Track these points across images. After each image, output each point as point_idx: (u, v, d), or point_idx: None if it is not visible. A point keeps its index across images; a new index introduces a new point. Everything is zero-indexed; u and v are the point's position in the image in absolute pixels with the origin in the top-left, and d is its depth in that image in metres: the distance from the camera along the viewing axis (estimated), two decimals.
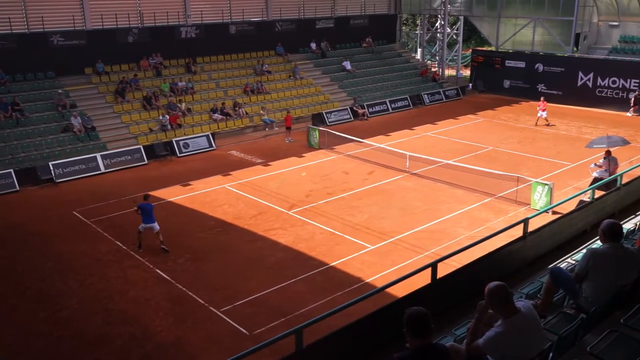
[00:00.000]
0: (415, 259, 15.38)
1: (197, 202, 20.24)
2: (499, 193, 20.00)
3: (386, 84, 37.46)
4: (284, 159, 25.11)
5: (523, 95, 37.45)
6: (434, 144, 27.07)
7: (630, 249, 6.35)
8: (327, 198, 20.36)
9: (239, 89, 32.34)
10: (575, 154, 24.63)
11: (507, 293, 5.05)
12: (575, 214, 11.46)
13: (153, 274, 15.12)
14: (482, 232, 16.74)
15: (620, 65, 33.72)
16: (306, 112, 32.40)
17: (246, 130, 29.89)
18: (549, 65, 36.59)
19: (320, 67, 37.07)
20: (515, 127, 30.59)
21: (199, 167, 24.36)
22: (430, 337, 4.61)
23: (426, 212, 18.86)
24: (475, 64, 41.26)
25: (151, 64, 31.04)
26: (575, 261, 8.95)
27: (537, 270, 9.45)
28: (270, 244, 16.83)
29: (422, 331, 4.56)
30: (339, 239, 17.02)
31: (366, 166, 23.82)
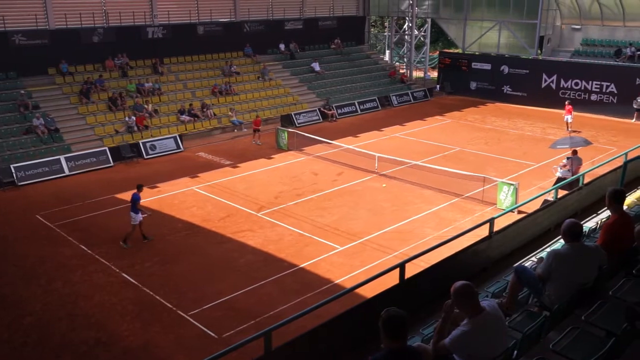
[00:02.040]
0: (384, 260, 15.49)
1: (164, 204, 20.02)
2: (466, 193, 20.29)
3: (355, 85, 37.65)
4: (252, 161, 25.01)
5: (489, 96, 38.09)
6: (402, 145, 27.32)
7: (590, 246, 6.51)
8: (296, 199, 20.35)
9: (207, 90, 32.10)
10: (540, 154, 25.16)
11: (472, 292, 5.13)
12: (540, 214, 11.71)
13: (119, 278, 14.89)
14: (449, 232, 16.94)
15: (582, 68, 34.57)
16: (275, 113, 32.34)
17: (214, 131, 29.69)
18: (514, 68, 37.29)
19: (289, 69, 37.05)
20: (482, 128, 31.08)
21: (166, 169, 24.09)
22: (405, 340, 4.62)
23: (395, 213, 19.02)
24: (442, 65, 41.78)
25: (117, 65, 30.57)
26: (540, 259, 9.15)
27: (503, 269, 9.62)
28: (239, 246, 16.74)
29: (397, 334, 4.58)
30: (308, 240, 17.04)
31: (335, 167, 23.90)
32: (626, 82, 32.44)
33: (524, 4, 37.14)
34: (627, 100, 32.18)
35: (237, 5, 35.72)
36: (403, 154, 24.31)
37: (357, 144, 26.43)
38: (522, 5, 37.28)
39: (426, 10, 43.25)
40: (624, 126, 30.94)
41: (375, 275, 8.18)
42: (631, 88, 32.08)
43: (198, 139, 28.50)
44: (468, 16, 40.27)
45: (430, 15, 43.58)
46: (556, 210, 12.00)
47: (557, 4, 37.61)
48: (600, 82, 33.59)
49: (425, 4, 42.95)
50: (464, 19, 40.49)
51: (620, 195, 7.07)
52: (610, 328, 5.35)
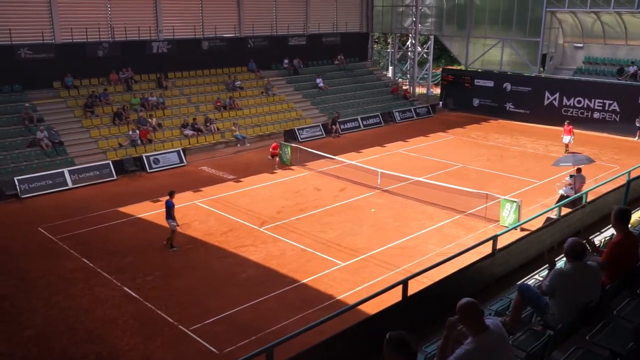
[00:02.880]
0: (387, 276, 15.44)
1: None
2: (469, 210, 20.27)
3: (358, 101, 37.79)
4: (255, 175, 25.04)
5: (492, 113, 38.18)
6: (405, 161, 27.35)
7: (592, 265, 6.50)
8: (298, 215, 20.34)
9: (211, 105, 32.24)
10: (543, 171, 25.16)
11: (478, 310, 5.10)
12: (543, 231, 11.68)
13: (121, 292, 14.85)
14: (452, 248, 16.91)
15: (584, 86, 34.67)
16: (278, 128, 32.43)
17: (218, 146, 29.76)
18: (516, 85, 37.42)
19: (292, 84, 37.23)
20: (485, 144, 31.13)
21: (169, 182, 24.07)
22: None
23: (397, 229, 18.99)
24: (445, 82, 41.94)
25: (121, 78, 30.76)
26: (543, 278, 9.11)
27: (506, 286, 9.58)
28: (241, 260, 16.70)
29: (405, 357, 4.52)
30: (311, 255, 17.00)
31: (338, 183, 23.91)
32: (629, 101, 32.51)
33: (526, 22, 37.37)
34: (629, 118, 32.22)
35: (242, 21, 36.01)
36: (406, 170, 24.33)
37: (359, 160, 26.47)
38: (524, 23, 37.51)
39: (429, 27, 43.54)
40: (626, 144, 30.95)
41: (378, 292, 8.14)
42: (634, 106, 32.12)
43: (201, 153, 28.56)
44: (471, 33, 40.53)
45: (433, 33, 43.86)
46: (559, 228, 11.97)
47: (559, 22, 37.85)
48: (602, 100, 33.67)
49: (428, 21, 43.25)
50: (467, 37, 40.74)
51: (625, 214, 7.06)
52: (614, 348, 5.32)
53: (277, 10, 37.87)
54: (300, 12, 39.27)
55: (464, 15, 40.71)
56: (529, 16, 37.15)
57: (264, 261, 16.62)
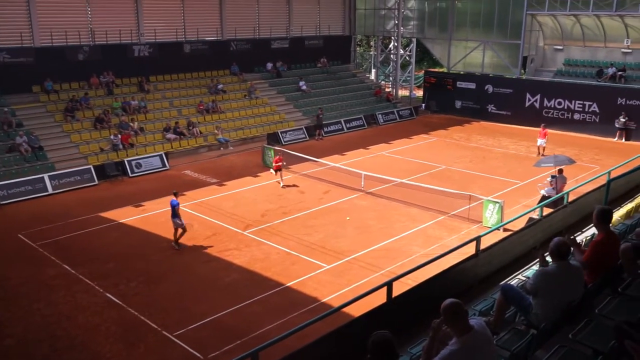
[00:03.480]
0: (371, 278, 15.46)
1: (149, 223, 19.86)
2: (452, 211, 20.39)
3: (341, 104, 37.85)
4: (239, 179, 24.95)
5: (474, 115, 38.46)
6: (388, 163, 27.44)
7: (575, 265, 6.56)
8: (282, 218, 20.30)
9: (193, 108, 32.08)
10: (525, 172, 25.40)
11: (462, 310, 5.12)
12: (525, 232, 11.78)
13: (103, 298, 14.68)
14: (436, 249, 17.00)
15: (565, 87, 35.07)
16: (261, 131, 32.36)
17: (200, 149, 29.61)
18: (498, 87, 37.74)
19: (275, 87, 37.18)
20: (467, 146, 31.34)
21: (151, 187, 23.94)
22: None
23: (381, 231, 19.03)
24: (427, 84, 42.17)
25: (102, 82, 30.48)
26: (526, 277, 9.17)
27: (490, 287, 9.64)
28: (225, 264, 16.62)
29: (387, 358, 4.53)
30: (295, 258, 16.97)
31: (322, 185, 23.91)
32: (608, 102, 32.96)
33: (507, 25, 37.74)
34: (609, 119, 32.68)
35: (224, 24, 35.89)
36: (389, 172, 24.41)
37: (343, 162, 26.50)
38: (505, 26, 37.89)
39: (411, 30, 43.78)
40: (606, 145, 31.38)
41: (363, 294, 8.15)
42: (613, 107, 32.60)
43: (184, 157, 28.39)
44: (453, 36, 40.82)
45: (415, 35, 44.10)
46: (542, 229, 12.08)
47: (540, 25, 38.28)
48: (582, 102, 34.10)
49: (410, 24, 43.49)
50: (449, 39, 41.02)
51: (607, 214, 7.14)
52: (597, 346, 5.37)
53: (259, 13, 37.83)
54: (283, 15, 39.27)
55: (445, 18, 41.01)
56: (510, 19, 37.52)
57: (248, 265, 16.56)
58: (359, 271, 16.13)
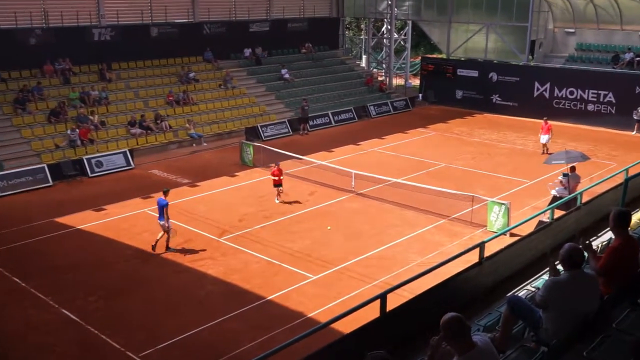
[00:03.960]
0: (363, 290, 15.47)
1: (112, 229, 19.73)
2: (453, 214, 20.46)
3: (328, 95, 37.88)
4: (213, 179, 24.87)
5: (477, 106, 38.69)
6: (381, 161, 27.48)
7: (590, 273, 6.58)
8: (263, 222, 20.26)
9: (162, 100, 31.91)
10: (533, 170, 25.57)
11: (463, 326, 5.12)
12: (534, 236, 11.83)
13: (59, 315, 14.55)
14: (435, 257, 17.05)
15: (577, 75, 35.40)
16: (239, 125, 32.29)
17: (170, 146, 29.47)
18: (503, 75, 38.00)
19: (254, 76, 37.12)
20: (470, 141, 31.48)
21: (114, 188, 23.78)
22: None
23: (374, 237, 19.06)
24: (424, 72, 42.36)
25: (57, 70, 30.24)
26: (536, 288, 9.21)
27: (495, 299, 9.66)
28: (198, 276, 16.56)
29: None
30: (277, 268, 16.95)
31: (307, 186, 23.90)
32: (625, 91, 33.24)
33: (512, 6, 37.98)
34: (626, 110, 32.94)
35: (196, 5, 35.76)
36: (382, 171, 24.45)
37: (331, 160, 26.51)
38: (510, 6, 38.12)
39: (406, 11, 43.91)
40: (623, 139, 31.69)
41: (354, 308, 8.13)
42: (631, 97, 32.86)
43: (151, 155, 28.24)
44: (452, 18, 41.01)
45: (411, 17, 44.26)
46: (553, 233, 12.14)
47: (548, 5, 38.59)
48: (597, 91, 34.41)
49: (405, 4, 43.61)
50: (448, 22, 41.20)
51: (625, 216, 7.14)
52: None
53: None
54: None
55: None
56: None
57: (224, 276, 16.51)
58: (349, 282, 16.12)
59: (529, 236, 11.74)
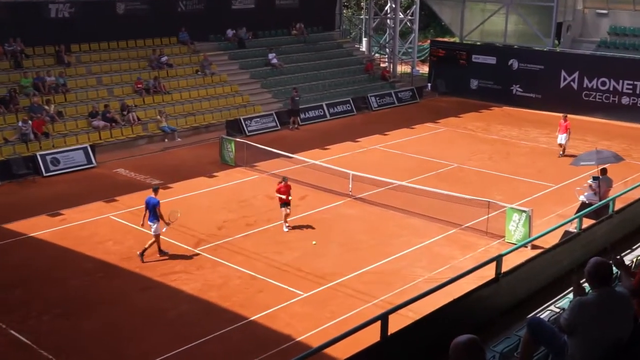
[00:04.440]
0: (361, 309, 15.50)
1: (70, 237, 19.69)
2: (466, 223, 20.52)
3: (323, 83, 37.93)
4: (189, 180, 24.84)
5: (494, 98, 38.79)
6: (384, 161, 27.55)
7: (622, 293, 6.60)
8: (246, 231, 20.27)
9: (129, 87, 31.87)
10: (559, 173, 25.66)
11: (478, 350, 5.12)
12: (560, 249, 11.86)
13: (7, 337, 14.49)
14: (445, 272, 17.09)
15: (610, 63, 35.55)
16: (219, 118, 32.27)
17: (138, 141, 29.44)
18: (525, 62, 38.10)
19: (237, 60, 37.12)
20: (486, 138, 31.57)
21: (73, 190, 23.72)
22: None
23: (374, 248, 19.08)
24: (434, 58, 42.45)
25: (7, 52, 30.15)
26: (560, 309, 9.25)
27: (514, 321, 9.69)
28: (170, 292, 16.54)
29: None
30: (262, 284, 16.95)
31: (297, 189, 23.88)
32: None
33: None
34: None
35: None
36: (385, 172, 24.49)
37: (325, 159, 26.55)
38: None
39: None
40: None
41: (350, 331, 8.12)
42: None
43: (116, 151, 28.19)
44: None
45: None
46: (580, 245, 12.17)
47: None
48: (633, 82, 34.58)
49: None
50: (462, 1, 41.32)
51: None
52: None
53: None
54: None
55: None
56: None
57: (200, 293, 16.49)
58: (345, 300, 16.14)
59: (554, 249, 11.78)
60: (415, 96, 39.75)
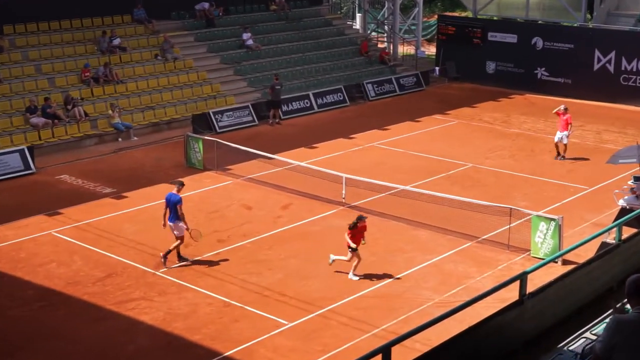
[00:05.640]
0: (358, 341, 15.48)
1: (5, 259, 19.58)
2: (484, 235, 20.53)
3: (309, 69, 37.96)
4: (147, 188, 24.75)
5: (515, 84, 38.87)
6: (383, 161, 27.57)
7: None
8: (217, 248, 20.23)
9: (74, 77, 31.79)
10: (594, 172, 25.78)
11: None
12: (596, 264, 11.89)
13: None
14: (458, 294, 17.14)
15: None
16: (183, 112, 32.25)
17: (86, 141, 29.36)
18: (552, 41, 38.16)
19: (205, 42, 37.14)
20: (506, 132, 31.63)
21: (7, 202, 23.60)
22: None
23: (373, 267, 19.04)
24: (443, 37, 42.49)
25: None
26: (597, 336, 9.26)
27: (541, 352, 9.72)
28: (127, 324, 16.48)
29: None
30: (238, 312, 16.92)
31: (279, 196, 23.87)
32: None
33: None
34: None
35: None
36: (385, 175, 24.51)
37: (313, 160, 26.55)
38: None
39: None
40: None
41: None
42: None
43: (59, 154, 28.11)
44: None
45: None
46: (621, 259, 12.20)
47: None
48: None
49: None
50: None
51: None
52: None
53: None
54: None
55: None
56: None
57: (163, 324, 16.43)
58: (338, 331, 16.11)
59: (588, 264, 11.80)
60: (420, 83, 39.81)
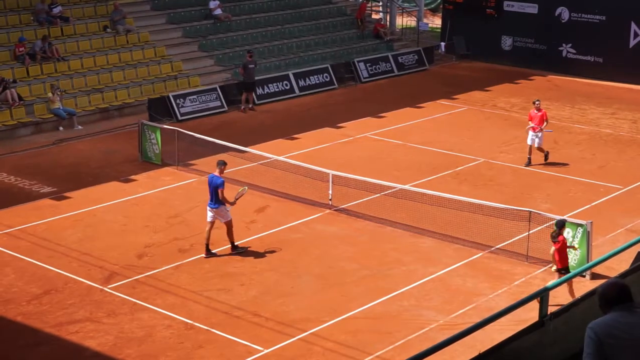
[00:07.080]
0: None
1: None
2: (498, 243, 20.60)
3: (289, 44, 37.97)
4: (94, 187, 24.77)
5: (536, 63, 39.07)
6: (378, 155, 27.63)
7: None
8: (178, 260, 20.22)
9: (5, 52, 31.72)
10: (630, 169, 25.97)
11: None
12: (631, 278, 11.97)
13: None
14: (467, 315, 17.20)
15: None
16: (137, 95, 32.25)
17: (20, 130, 29.33)
18: (579, 12, 38.28)
19: (164, 12, 37.18)
20: (524, 121, 31.71)
21: None
22: None
23: (365, 282, 19.11)
24: (450, 7, 42.59)
25: None
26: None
27: None
28: (69, 350, 16.47)
29: None
30: (203, 336, 16.92)
31: (253, 198, 23.86)
32: None
33: None
34: None
35: None
36: (380, 172, 24.58)
37: (293, 154, 26.60)
38: None
39: None
40: None
41: None
42: None
43: None
44: None
45: None
46: None
47: None
48: None
49: None
50: None
51: None
52: None
53: None
54: None
55: None
56: None
57: (113, 350, 16.41)
58: (323, 358, 16.13)
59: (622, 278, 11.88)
60: (422, 61, 39.89)
